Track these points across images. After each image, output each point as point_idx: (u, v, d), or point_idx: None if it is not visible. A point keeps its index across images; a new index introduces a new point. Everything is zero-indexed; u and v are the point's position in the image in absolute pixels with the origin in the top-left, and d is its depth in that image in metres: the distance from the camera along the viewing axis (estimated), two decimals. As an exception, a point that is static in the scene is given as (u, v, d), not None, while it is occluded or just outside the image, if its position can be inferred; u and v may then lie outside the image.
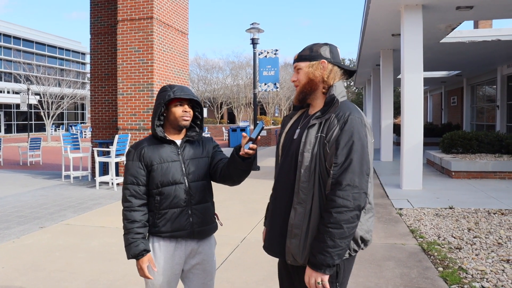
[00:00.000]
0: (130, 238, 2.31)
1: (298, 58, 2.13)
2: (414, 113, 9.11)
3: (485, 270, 4.36)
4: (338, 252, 1.85)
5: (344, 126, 1.91)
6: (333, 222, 1.84)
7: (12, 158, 17.86)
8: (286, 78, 42.16)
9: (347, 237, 1.85)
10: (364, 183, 1.89)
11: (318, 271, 1.87)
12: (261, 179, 10.69)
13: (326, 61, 2.07)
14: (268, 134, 24.64)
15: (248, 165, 2.29)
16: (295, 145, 2.04)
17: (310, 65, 2.08)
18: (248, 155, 2.22)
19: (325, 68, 2.07)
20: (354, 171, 1.86)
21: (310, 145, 1.96)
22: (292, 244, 1.97)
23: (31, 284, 4.16)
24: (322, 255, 1.85)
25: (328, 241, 1.84)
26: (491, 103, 21.27)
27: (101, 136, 11.56)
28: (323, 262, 1.85)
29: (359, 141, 1.90)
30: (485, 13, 10.06)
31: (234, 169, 2.32)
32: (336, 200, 1.84)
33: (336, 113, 1.96)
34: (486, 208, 7.18)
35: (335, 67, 2.08)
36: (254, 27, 13.25)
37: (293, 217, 1.97)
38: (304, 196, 1.95)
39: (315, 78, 2.07)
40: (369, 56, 16.29)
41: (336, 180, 1.87)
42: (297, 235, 1.96)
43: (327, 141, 1.93)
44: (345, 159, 1.87)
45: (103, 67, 11.50)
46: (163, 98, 2.37)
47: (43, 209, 7.58)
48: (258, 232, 5.92)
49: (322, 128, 1.97)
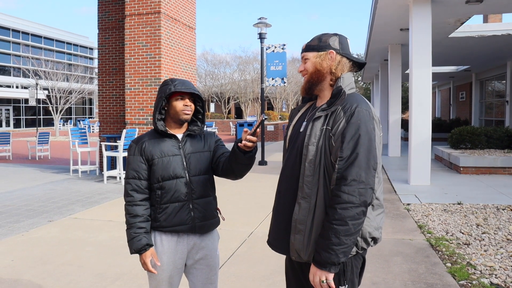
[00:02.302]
0: (132, 233, 2.31)
1: (306, 48, 2.07)
2: (422, 108, 9.05)
3: (494, 266, 4.33)
4: (344, 249, 1.79)
5: (350, 119, 1.85)
6: (338, 219, 1.78)
7: (21, 153, 17.99)
8: (294, 73, 42.02)
9: (353, 234, 1.79)
10: (371, 178, 1.82)
11: (323, 269, 1.81)
12: (268, 174, 10.69)
13: (335, 52, 2.01)
14: (275, 129, 24.62)
15: (249, 159, 2.26)
16: (301, 138, 1.98)
17: (318, 55, 2.02)
18: (247, 148, 2.18)
19: (333, 59, 2.00)
20: (360, 165, 1.80)
21: (315, 138, 1.90)
22: (296, 240, 1.92)
23: (39, 277, 4.20)
24: (326, 252, 1.79)
25: (333, 238, 1.78)
26: (500, 98, 21.07)
27: (109, 130, 11.60)
28: (328, 260, 1.79)
29: (366, 134, 1.83)
30: (494, 7, 9.95)
31: (235, 163, 2.29)
32: (341, 196, 1.78)
33: (343, 105, 1.90)
34: (495, 204, 7.13)
35: (344, 58, 2.02)
36: (261, 22, 13.20)
37: (297, 212, 1.92)
38: (308, 191, 1.90)
39: (323, 68, 2.01)
40: (377, 51, 16.18)
41: (341, 175, 1.80)
42: (301, 230, 1.91)
43: (333, 134, 1.87)
44: (351, 153, 1.81)
45: (110, 62, 11.52)
46: (164, 91, 2.36)
47: (51, 203, 7.64)
48: (266, 226, 5.92)
49: (328, 120, 1.90)
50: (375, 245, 1.99)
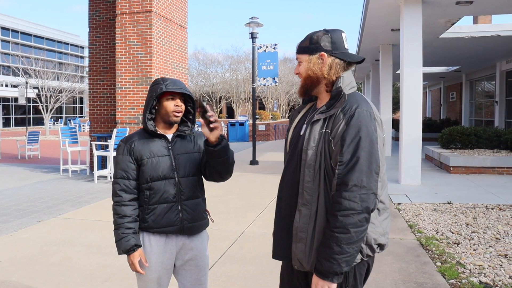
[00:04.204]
0: (120, 233, 2.29)
1: (298, 50, 1.99)
2: (413, 108, 9.10)
3: (483, 265, 4.37)
4: (346, 258, 1.70)
5: (350, 121, 1.76)
6: (339, 226, 1.70)
7: (10, 152, 17.82)
8: (285, 72, 42.12)
9: (355, 242, 1.71)
10: (373, 183, 1.72)
11: (325, 279, 1.73)
12: (260, 174, 10.68)
13: (326, 55, 1.90)
14: (266, 129, 24.64)
15: (223, 152, 2.22)
16: (301, 142, 1.90)
17: (309, 60, 1.93)
18: (213, 127, 2.13)
19: (325, 63, 1.90)
20: (362, 170, 1.71)
21: (314, 142, 1.83)
22: (298, 249, 1.85)
23: (28, 277, 4.15)
24: (328, 262, 1.71)
25: (335, 247, 1.70)
26: (490, 98, 21.27)
27: (99, 130, 11.54)
28: (330, 270, 1.71)
29: (367, 137, 1.74)
30: (484, 8, 10.03)
31: (214, 161, 2.27)
32: (342, 202, 1.70)
33: (343, 106, 1.82)
34: (484, 203, 7.19)
35: (337, 59, 1.90)
36: (253, 21, 13.19)
37: (298, 219, 1.85)
38: (308, 197, 1.83)
39: (315, 74, 1.92)
40: (368, 51, 16.24)
41: (341, 180, 1.72)
42: (302, 239, 1.84)
43: (332, 137, 1.79)
44: (351, 157, 1.72)
45: (101, 61, 11.45)
46: (155, 91, 2.33)
47: (41, 202, 7.57)
48: (256, 226, 5.92)
49: (327, 123, 1.82)
50: (381, 252, 1.91)
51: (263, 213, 6.63)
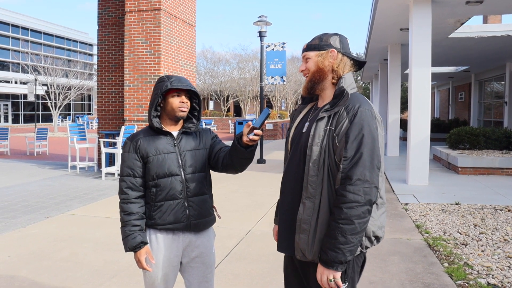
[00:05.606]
0: (127, 231, 2.29)
1: (307, 48, 2.09)
2: (421, 108, 9.05)
3: (491, 266, 4.34)
4: (350, 248, 1.82)
5: (353, 119, 1.87)
6: (344, 218, 1.80)
7: (19, 148, 17.96)
8: (293, 71, 42.00)
9: (359, 233, 1.82)
10: (375, 177, 1.84)
11: (330, 268, 1.83)
12: (267, 172, 10.69)
13: (336, 51, 2.02)
14: (274, 128, 24.61)
15: (250, 153, 2.24)
16: (304, 139, 2.00)
17: (319, 54, 2.04)
18: (252, 142, 2.16)
19: (335, 57, 2.02)
20: (365, 165, 1.82)
21: (319, 139, 1.92)
22: (301, 240, 1.94)
23: (36, 273, 4.19)
24: (333, 252, 1.82)
25: (340, 238, 1.80)
26: (499, 99, 21.09)
27: (107, 127, 11.59)
28: (335, 259, 1.82)
29: (370, 134, 1.86)
30: (494, 8, 9.94)
31: (236, 158, 2.27)
32: (347, 195, 1.81)
33: (346, 105, 1.92)
34: (492, 204, 7.14)
35: (345, 57, 2.04)
36: (261, 20, 13.18)
37: (302, 212, 1.94)
38: (313, 191, 1.92)
39: (324, 67, 2.03)
40: (377, 51, 16.18)
41: (346, 175, 1.83)
42: (305, 230, 1.93)
43: (336, 135, 1.89)
44: (355, 153, 1.83)
45: (110, 58, 11.50)
46: (160, 88, 2.34)
47: (49, 199, 7.63)
48: (263, 225, 5.92)
49: (331, 121, 1.92)
50: (378, 244, 2.01)
51: (270, 212, 6.63)
